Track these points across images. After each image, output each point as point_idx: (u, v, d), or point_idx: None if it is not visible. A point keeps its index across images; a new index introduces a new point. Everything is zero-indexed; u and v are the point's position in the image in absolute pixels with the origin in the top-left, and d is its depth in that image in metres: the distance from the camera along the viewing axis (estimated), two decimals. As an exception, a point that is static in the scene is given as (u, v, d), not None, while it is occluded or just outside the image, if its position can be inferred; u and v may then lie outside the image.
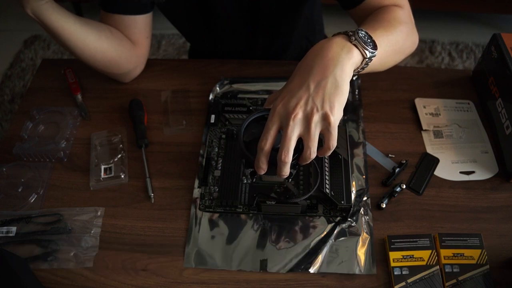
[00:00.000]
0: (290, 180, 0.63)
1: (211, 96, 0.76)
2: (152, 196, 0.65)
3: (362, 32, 0.53)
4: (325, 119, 0.49)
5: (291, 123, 0.49)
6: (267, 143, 0.51)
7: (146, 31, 0.75)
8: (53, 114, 0.75)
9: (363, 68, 0.55)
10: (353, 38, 0.52)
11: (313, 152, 0.51)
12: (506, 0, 1.77)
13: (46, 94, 0.80)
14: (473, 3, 1.80)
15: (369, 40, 0.53)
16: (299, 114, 0.49)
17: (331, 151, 0.52)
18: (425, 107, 0.74)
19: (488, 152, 0.69)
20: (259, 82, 0.78)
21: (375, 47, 0.53)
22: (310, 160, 0.52)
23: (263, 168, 0.53)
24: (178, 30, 0.88)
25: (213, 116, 0.73)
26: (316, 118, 0.49)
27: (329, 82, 0.49)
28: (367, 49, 0.52)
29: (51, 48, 2.00)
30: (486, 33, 1.90)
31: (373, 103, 0.75)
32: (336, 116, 0.49)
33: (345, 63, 0.50)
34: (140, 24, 0.74)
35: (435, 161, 0.68)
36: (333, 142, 0.51)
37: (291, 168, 0.53)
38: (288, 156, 0.50)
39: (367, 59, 0.53)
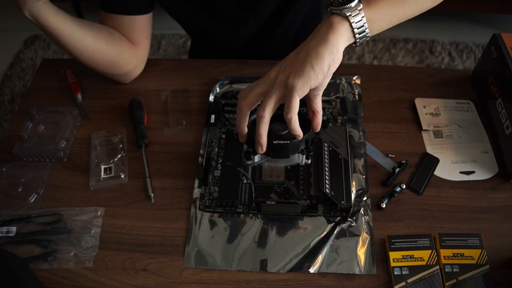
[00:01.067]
0: (287, 143, 0.59)
1: (211, 96, 0.76)
2: (152, 196, 0.65)
3: None
4: (286, 82, 0.50)
5: (264, 78, 0.54)
6: (244, 92, 0.55)
7: (145, 31, 0.75)
8: (53, 114, 0.75)
9: (362, 28, 0.50)
10: (329, 7, 0.51)
11: (262, 109, 0.51)
12: (506, 0, 1.77)
13: (46, 94, 0.80)
14: (473, 3, 1.80)
15: None
16: (271, 73, 0.53)
17: (289, 123, 0.52)
18: (425, 107, 0.74)
19: (488, 152, 0.69)
20: (259, 82, 0.78)
21: (356, 1, 0.49)
22: (260, 117, 0.52)
23: (242, 119, 0.56)
24: (179, 23, 0.87)
25: (213, 116, 0.73)
26: (280, 78, 0.51)
27: (302, 52, 0.51)
28: (345, 8, 0.49)
29: (51, 48, 2.00)
30: (486, 33, 1.90)
31: (373, 103, 0.75)
32: (294, 82, 0.49)
33: (321, 36, 0.50)
34: (140, 24, 0.74)
35: (435, 161, 0.68)
36: (289, 109, 0.50)
37: (278, 137, 0.56)
38: (244, 101, 0.54)
39: (354, 23, 0.50)
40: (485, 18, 2.03)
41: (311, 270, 0.58)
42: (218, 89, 0.78)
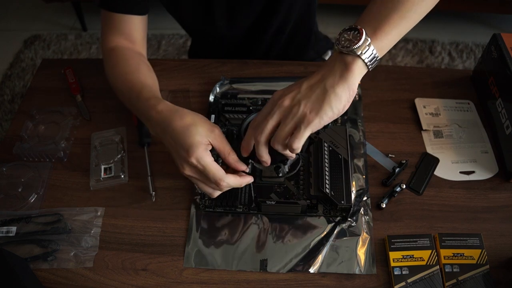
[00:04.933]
0: (280, 175, 0.62)
1: (211, 96, 0.76)
2: (153, 195, 0.65)
3: (345, 34, 0.51)
4: (303, 116, 0.50)
5: (275, 108, 0.52)
6: (255, 123, 0.55)
7: (144, 32, 0.75)
8: (53, 114, 0.75)
9: (374, 59, 0.51)
10: (337, 46, 0.51)
11: (277, 141, 0.52)
12: (506, 0, 1.77)
13: (46, 94, 0.80)
14: (473, 3, 1.80)
15: (356, 34, 0.50)
16: (284, 102, 0.52)
17: (292, 152, 0.52)
18: (425, 107, 0.74)
19: (488, 152, 0.69)
20: (259, 82, 0.78)
21: (363, 35, 0.49)
22: (279, 150, 0.53)
23: (247, 147, 0.56)
24: (180, 23, 0.87)
25: (213, 116, 0.73)
26: (295, 111, 0.51)
27: (319, 88, 0.50)
28: (355, 48, 0.49)
29: (51, 48, 2.00)
30: (486, 33, 1.90)
31: (373, 103, 0.75)
32: (312, 119, 0.50)
33: (338, 75, 0.50)
34: (139, 25, 0.73)
35: (435, 161, 0.68)
36: (296, 141, 0.51)
37: (278, 160, 0.56)
38: (261, 135, 0.52)
39: (366, 59, 0.50)
40: (485, 18, 2.03)
41: (311, 270, 0.58)
42: (218, 89, 0.78)
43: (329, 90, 0.50)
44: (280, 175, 0.63)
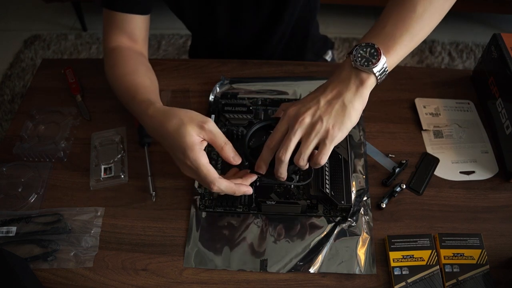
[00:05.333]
0: (292, 186, 0.63)
1: (211, 96, 0.76)
2: (153, 195, 0.65)
3: (361, 50, 0.53)
4: (326, 132, 0.52)
5: (296, 125, 0.53)
6: (274, 141, 0.55)
7: (146, 31, 0.75)
8: (53, 114, 0.75)
9: (384, 74, 0.54)
10: (353, 63, 0.53)
11: (302, 159, 0.53)
12: (506, 0, 1.77)
13: (46, 94, 0.80)
14: (473, 3, 1.80)
15: (374, 53, 0.52)
16: (306, 119, 0.53)
17: (318, 166, 0.54)
18: (425, 107, 0.74)
19: (488, 152, 0.69)
20: (259, 82, 0.78)
21: (381, 56, 0.52)
22: (302, 166, 0.54)
23: (264, 166, 0.56)
24: (181, 20, 0.87)
25: (213, 116, 0.73)
26: (318, 128, 0.52)
27: (338, 103, 0.53)
28: (373, 67, 0.52)
29: (51, 48, 2.00)
30: (486, 33, 1.91)
31: (373, 103, 0.75)
32: (336, 134, 0.52)
33: (354, 90, 0.53)
34: (142, 24, 0.74)
35: (435, 161, 0.68)
36: (324, 157, 0.53)
37: (291, 173, 0.56)
38: (286, 155, 0.53)
39: (378, 75, 0.53)
40: (485, 18, 2.03)
41: (311, 270, 0.58)
42: (218, 89, 0.78)
43: (348, 105, 0.52)
44: (292, 186, 0.63)
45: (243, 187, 0.57)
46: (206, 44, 0.94)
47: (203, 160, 0.54)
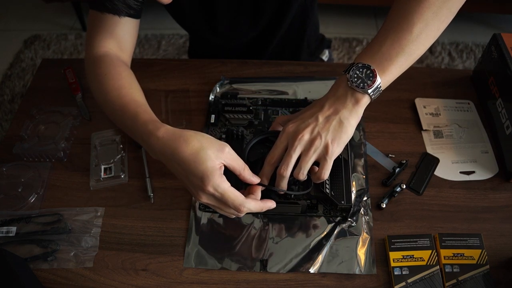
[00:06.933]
0: (292, 196, 0.63)
1: (211, 96, 0.76)
2: (151, 196, 0.65)
3: (357, 71, 0.55)
4: (325, 148, 0.55)
5: (296, 142, 0.55)
6: (274, 157, 0.57)
7: (135, 39, 0.72)
8: (53, 114, 0.75)
9: (378, 92, 0.56)
10: (349, 83, 0.56)
11: (302, 173, 0.56)
12: (506, 0, 1.77)
13: (46, 94, 0.80)
14: (473, 3, 1.80)
15: (370, 74, 0.55)
16: (305, 136, 0.55)
17: (320, 181, 0.57)
18: (425, 107, 0.74)
19: (488, 152, 0.69)
20: (259, 82, 0.78)
21: (376, 78, 0.55)
22: (301, 179, 0.57)
23: (266, 180, 0.58)
24: (179, 23, 0.87)
25: (213, 116, 0.73)
26: (318, 144, 0.55)
27: (335, 120, 0.55)
28: (368, 89, 0.55)
29: (51, 48, 2.00)
30: (486, 33, 1.91)
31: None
32: (335, 149, 0.55)
33: (350, 108, 0.56)
34: (131, 29, 0.70)
35: (435, 161, 0.68)
36: (326, 172, 0.56)
37: (290, 184, 0.60)
38: (287, 171, 0.56)
39: (372, 94, 0.55)
40: (485, 18, 2.03)
41: (311, 270, 0.58)
42: (218, 89, 0.78)
43: (345, 121, 0.55)
44: (292, 197, 0.63)
45: (268, 202, 0.56)
46: (203, 50, 0.94)
47: (226, 184, 0.51)
